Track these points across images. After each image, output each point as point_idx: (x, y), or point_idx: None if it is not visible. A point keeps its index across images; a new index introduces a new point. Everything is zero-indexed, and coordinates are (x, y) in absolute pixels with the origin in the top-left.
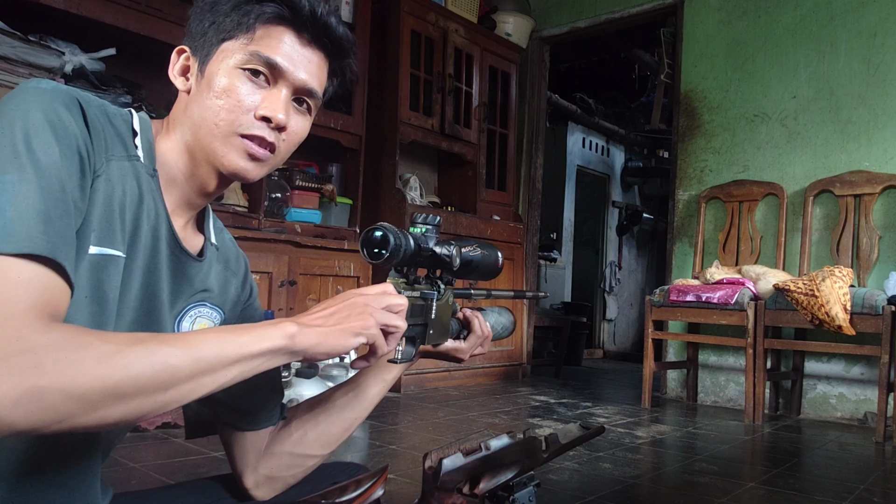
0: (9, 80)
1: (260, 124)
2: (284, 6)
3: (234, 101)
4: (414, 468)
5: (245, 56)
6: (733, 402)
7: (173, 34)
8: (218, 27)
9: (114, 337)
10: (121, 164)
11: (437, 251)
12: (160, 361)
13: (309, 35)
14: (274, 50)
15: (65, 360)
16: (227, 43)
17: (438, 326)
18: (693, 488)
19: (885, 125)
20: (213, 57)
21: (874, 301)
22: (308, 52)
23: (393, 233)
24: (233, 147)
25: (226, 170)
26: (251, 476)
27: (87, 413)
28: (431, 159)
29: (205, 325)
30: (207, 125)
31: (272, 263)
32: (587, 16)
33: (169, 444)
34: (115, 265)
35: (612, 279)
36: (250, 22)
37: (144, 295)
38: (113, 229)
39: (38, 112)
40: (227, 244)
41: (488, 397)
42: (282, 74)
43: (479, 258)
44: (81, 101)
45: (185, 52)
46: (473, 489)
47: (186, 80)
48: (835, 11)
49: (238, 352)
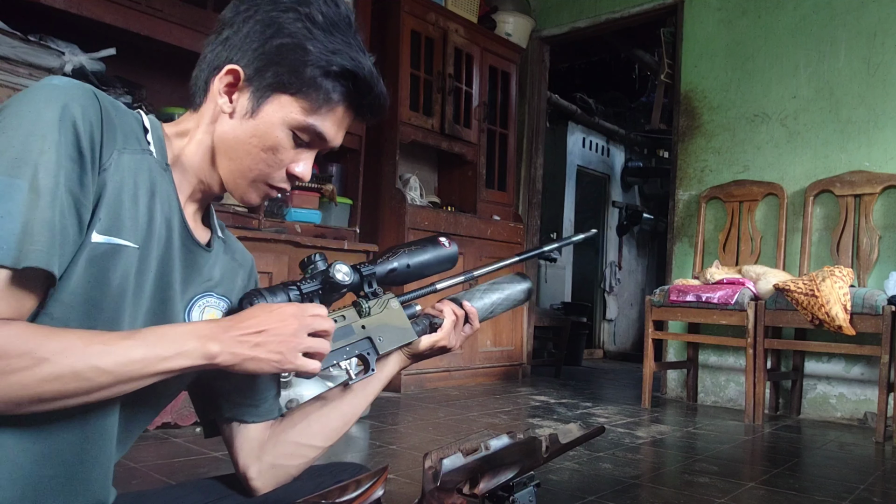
0: (9, 81)
1: (288, 179)
2: (356, 91)
3: (276, 158)
4: (414, 468)
5: (301, 122)
6: (733, 402)
7: (173, 34)
8: (279, 74)
9: (52, 343)
10: (133, 157)
11: (336, 280)
12: (83, 378)
13: (359, 113)
14: (328, 127)
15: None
16: (286, 97)
17: (390, 332)
18: (693, 488)
19: (885, 125)
20: (268, 103)
21: (874, 301)
22: (349, 121)
23: (262, 295)
24: (256, 190)
25: (237, 199)
26: (255, 466)
27: (15, 409)
28: (431, 159)
29: (213, 315)
30: (241, 164)
31: (272, 263)
32: (587, 16)
33: (169, 444)
34: (124, 255)
35: (612, 279)
36: (319, 99)
37: (159, 284)
38: (122, 219)
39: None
40: (232, 239)
41: (488, 397)
42: (324, 144)
43: (403, 267)
44: (98, 96)
45: (239, 75)
46: (473, 489)
47: (230, 103)
48: (835, 11)
49: (159, 367)
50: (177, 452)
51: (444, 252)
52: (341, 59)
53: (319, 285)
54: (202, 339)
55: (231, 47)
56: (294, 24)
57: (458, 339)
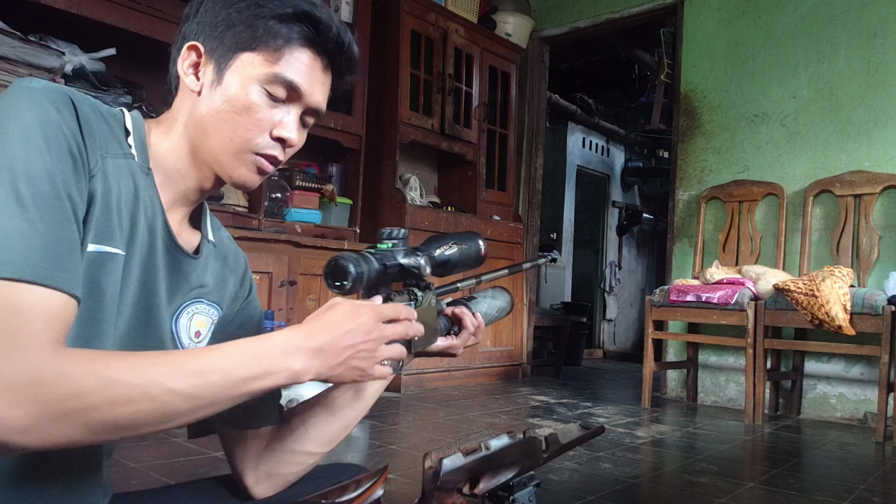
0: (9, 81)
1: (274, 143)
2: (313, 30)
3: (252, 119)
4: (414, 468)
5: (267, 73)
6: (733, 402)
7: (173, 34)
8: (237, 34)
9: (120, 364)
10: (116, 162)
11: (405, 264)
12: (159, 402)
13: (329, 60)
14: (296, 73)
15: (68, 394)
16: (247, 55)
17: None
18: (693, 488)
19: (885, 125)
20: (232, 66)
21: (874, 301)
22: (323, 76)
23: (353, 261)
24: (244, 162)
25: (231, 181)
26: (251, 474)
27: (95, 438)
28: (431, 159)
29: (202, 322)
30: (220, 137)
31: (272, 263)
32: (587, 16)
33: (169, 444)
34: (113, 262)
35: (612, 279)
36: (278, 43)
37: (142, 291)
38: (111, 227)
39: (28, 114)
40: (224, 241)
41: (488, 397)
42: (299, 97)
43: (457, 255)
44: (74, 100)
45: (199, 49)
46: (473, 489)
47: (197, 80)
48: (835, 11)
49: (241, 389)
50: (176, 453)
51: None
52: (294, 2)
53: (398, 265)
54: (288, 355)
55: (190, 30)
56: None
57: (463, 346)
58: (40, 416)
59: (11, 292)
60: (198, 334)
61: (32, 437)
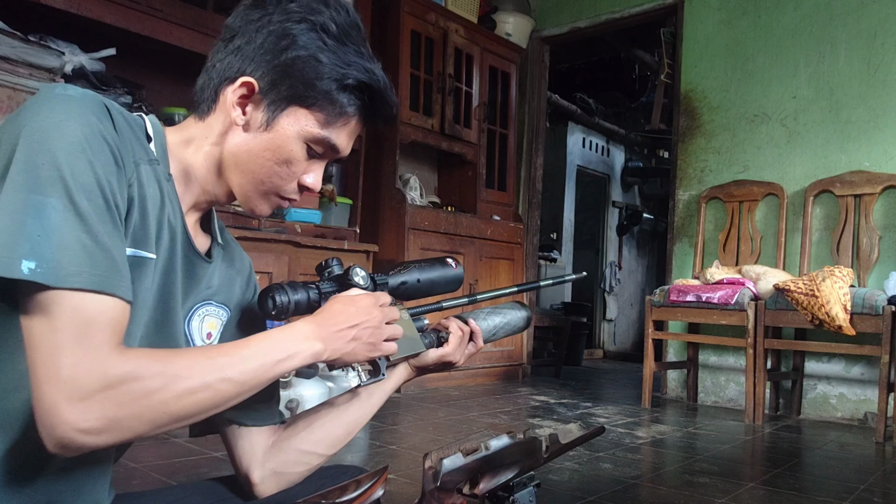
0: (9, 81)
1: (298, 189)
2: (370, 104)
3: (289, 171)
4: (414, 468)
5: (317, 135)
6: (733, 402)
7: (173, 34)
8: (293, 86)
9: (182, 360)
10: (146, 168)
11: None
12: (215, 390)
13: (373, 124)
14: (342, 139)
15: (139, 393)
16: (302, 110)
17: (402, 341)
18: (693, 488)
19: (885, 125)
20: (282, 116)
21: (874, 301)
22: (360, 129)
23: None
24: (267, 201)
25: (247, 209)
26: (258, 470)
27: (155, 431)
28: (431, 159)
29: (213, 323)
30: (253, 177)
31: (272, 263)
32: (587, 16)
33: (170, 444)
34: (147, 267)
35: (612, 279)
36: (334, 111)
37: (161, 295)
38: (147, 232)
39: (71, 125)
40: (230, 244)
41: (488, 397)
42: (335, 155)
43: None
44: (110, 108)
45: (254, 87)
46: (473, 489)
47: (244, 115)
48: (835, 12)
49: (275, 370)
50: (177, 453)
51: (452, 273)
52: (357, 72)
53: (336, 287)
54: (308, 339)
55: (244, 58)
56: (307, 35)
57: (463, 355)
58: (113, 417)
59: (81, 302)
60: (209, 335)
61: (104, 438)
